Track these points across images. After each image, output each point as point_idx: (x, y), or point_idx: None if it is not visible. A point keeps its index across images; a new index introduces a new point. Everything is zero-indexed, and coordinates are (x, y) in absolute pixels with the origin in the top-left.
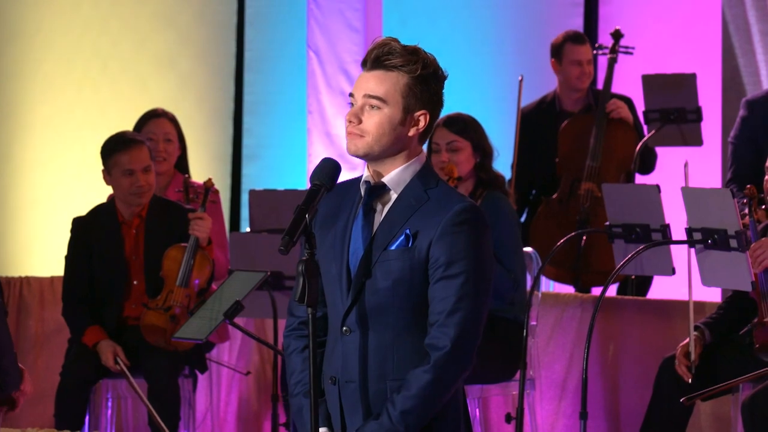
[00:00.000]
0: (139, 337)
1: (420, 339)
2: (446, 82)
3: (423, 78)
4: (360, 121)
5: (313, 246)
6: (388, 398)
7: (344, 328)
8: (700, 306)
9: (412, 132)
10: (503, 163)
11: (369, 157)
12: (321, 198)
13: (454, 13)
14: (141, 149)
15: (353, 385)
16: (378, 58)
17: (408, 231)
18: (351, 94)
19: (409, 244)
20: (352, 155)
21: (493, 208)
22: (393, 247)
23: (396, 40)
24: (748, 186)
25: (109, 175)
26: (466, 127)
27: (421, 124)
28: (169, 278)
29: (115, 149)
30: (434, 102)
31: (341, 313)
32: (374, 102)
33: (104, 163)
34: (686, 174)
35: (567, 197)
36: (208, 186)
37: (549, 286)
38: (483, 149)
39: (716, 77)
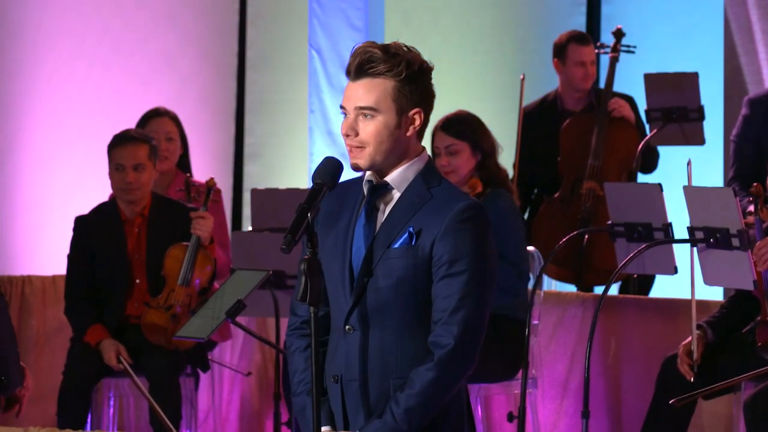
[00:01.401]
0: (140, 335)
1: (423, 337)
2: (448, 80)
3: (410, 77)
4: (357, 133)
5: (315, 245)
6: (392, 396)
7: (347, 327)
8: (702, 305)
9: (409, 132)
10: (505, 163)
11: (374, 167)
12: (323, 197)
13: (456, 11)
14: (137, 147)
15: (356, 384)
16: (361, 66)
17: (411, 229)
18: (342, 106)
19: (413, 242)
20: (357, 170)
21: (496, 205)
22: (396, 246)
23: (375, 45)
24: (755, 184)
25: (109, 170)
26: (463, 128)
27: (417, 122)
28: (171, 277)
29: (113, 145)
30: (426, 97)
31: (344, 311)
32: (367, 112)
33: (108, 158)
34: (689, 173)
35: (569, 196)
36: (211, 185)
37: (551, 285)
38: (482, 148)
39: (718, 76)
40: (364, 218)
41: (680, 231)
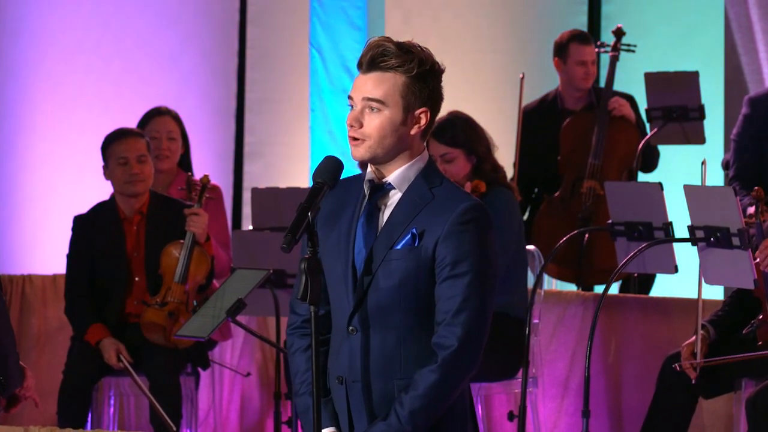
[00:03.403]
0: (140, 334)
1: (426, 338)
2: (449, 79)
3: (420, 76)
4: (361, 125)
5: (316, 244)
6: (396, 398)
7: (350, 328)
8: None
9: (414, 131)
10: (505, 162)
11: (374, 161)
12: (323, 196)
13: (457, 10)
14: (136, 140)
15: (360, 385)
16: (373, 59)
17: (414, 230)
18: (350, 97)
19: (416, 243)
20: (357, 160)
21: (496, 203)
22: (399, 247)
23: (390, 40)
24: (756, 188)
25: (107, 169)
26: (455, 135)
27: (423, 121)
28: (167, 275)
29: (111, 141)
30: (434, 98)
31: (347, 312)
32: (374, 104)
33: (103, 157)
34: (704, 172)
35: (569, 195)
36: (205, 182)
37: (551, 284)
38: (476, 152)
39: (719, 75)
40: (365, 218)
41: (681, 230)
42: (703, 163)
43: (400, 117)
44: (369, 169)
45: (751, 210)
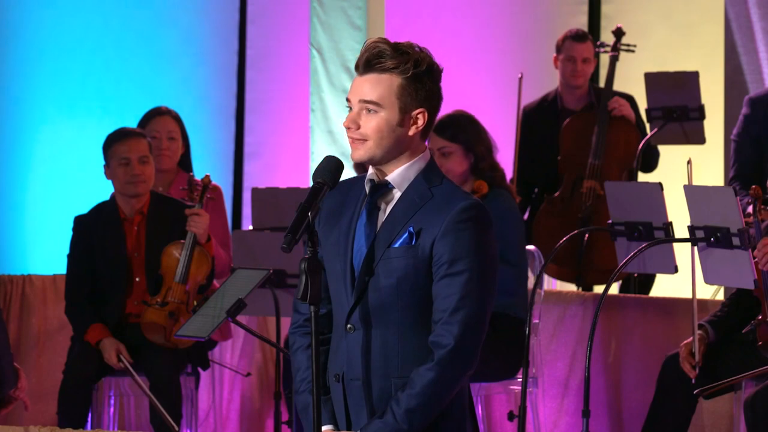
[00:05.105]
0: (140, 334)
1: (424, 337)
2: (449, 79)
3: (416, 77)
4: (359, 127)
5: (316, 244)
6: (393, 396)
7: (348, 326)
8: (700, 304)
9: (412, 131)
10: (505, 162)
11: (373, 161)
12: (323, 196)
13: (458, 10)
14: (139, 141)
15: (358, 383)
16: (369, 61)
17: (411, 228)
18: (347, 99)
19: (413, 242)
20: (357, 162)
21: (496, 205)
22: (396, 245)
23: (386, 41)
24: (753, 186)
25: (108, 168)
26: (455, 131)
27: (420, 122)
28: (168, 275)
29: (113, 141)
30: (431, 98)
31: (345, 310)
32: (370, 106)
33: (104, 156)
34: (690, 172)
35: (569, 195)
36: (206, 182)
37: (551, 284)
38: (475, 150)
39: (718, 75)
40: (365, 217)
41: (681, 230)
42: (689, 162)
43: (396, 118)
44: (370, 169)
45: (750, 209)
